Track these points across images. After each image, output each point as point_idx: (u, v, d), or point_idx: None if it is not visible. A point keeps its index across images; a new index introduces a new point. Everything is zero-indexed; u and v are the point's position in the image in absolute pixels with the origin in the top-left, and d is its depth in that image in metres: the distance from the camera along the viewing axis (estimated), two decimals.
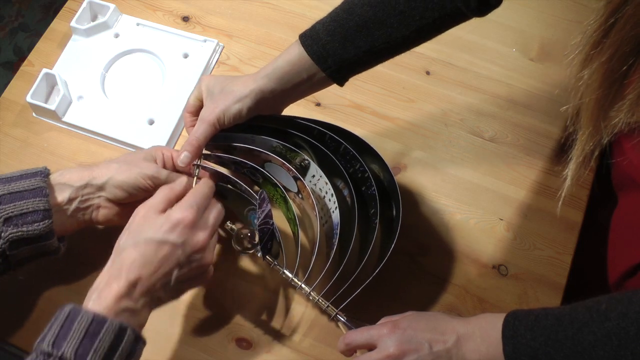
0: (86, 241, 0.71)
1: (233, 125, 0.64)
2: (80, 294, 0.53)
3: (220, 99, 0.62)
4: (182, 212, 0.56)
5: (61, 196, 0.60)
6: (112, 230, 0.61)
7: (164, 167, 0.65)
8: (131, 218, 0.57)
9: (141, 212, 0.57)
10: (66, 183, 0.60)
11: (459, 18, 0.59)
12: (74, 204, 0.61)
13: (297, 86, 0.63)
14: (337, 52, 0.60)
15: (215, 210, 0.60)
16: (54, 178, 0.61)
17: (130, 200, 0.63)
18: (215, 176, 0.67)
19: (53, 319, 0.49)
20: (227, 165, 0.67)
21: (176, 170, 0.65)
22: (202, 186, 0.60)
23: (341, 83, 0.64)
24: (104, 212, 0.63)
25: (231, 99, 0.62)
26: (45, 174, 0.60)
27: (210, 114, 0.62)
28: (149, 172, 0.62)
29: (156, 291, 0.54)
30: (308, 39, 0.60)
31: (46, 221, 0.57)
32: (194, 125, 0.66)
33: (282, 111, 0.68)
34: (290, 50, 0.62)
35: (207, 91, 0.64)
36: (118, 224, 0.62)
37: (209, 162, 0.67)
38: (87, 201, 0.61)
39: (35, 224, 0.57)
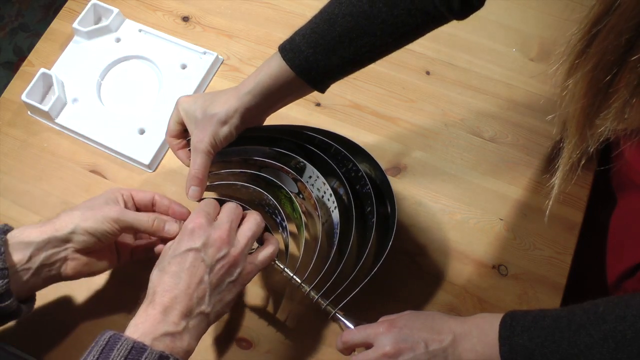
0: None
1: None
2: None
3: (206, 124, 0.61)
4: (193, 220, 0.57)
5: (20, 255, 0.56)
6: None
7: (126, 207, 0.63)
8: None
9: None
10: (24, 240, 0.57)
11: (441, 21, 0.58)
12: (38, 261, 0.57)
13: (281, 98, 0.63)
14: (320, 63, 0.59)
15: (226, 208, 0.60)
16: (13, 235, 0.57)
17: (98, 247, 0.61)
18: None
19: (93, 345, 0.49)
20: (226, 179, 0.67)
21: (137, 208, 0.64)
22: (206, 201, 0.61)
23: (323, 90, 0.63)
24: (72, 265, 0.60)
25: (217, 122, 0.61)
26: (3, 230, 0.57)
27: (201, 142, 0.62)
28: (113, 214, 0.59)
29: (196, 308, 0.53)
30: (289, 52, 0.59)
31: (1, 281, 0.54)
32: (180, 148, 0.67)
33: (265, 120, 0.67)
34: (271, 63, 0.61)
35: (187, 116, 0.63)
36: (87, 275, 0.62)
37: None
38: (53, 256, 0.58)
39: None
